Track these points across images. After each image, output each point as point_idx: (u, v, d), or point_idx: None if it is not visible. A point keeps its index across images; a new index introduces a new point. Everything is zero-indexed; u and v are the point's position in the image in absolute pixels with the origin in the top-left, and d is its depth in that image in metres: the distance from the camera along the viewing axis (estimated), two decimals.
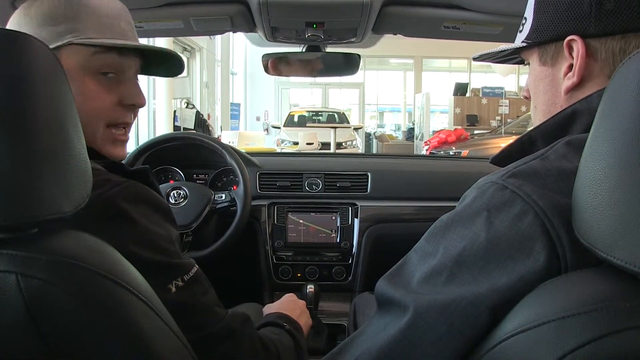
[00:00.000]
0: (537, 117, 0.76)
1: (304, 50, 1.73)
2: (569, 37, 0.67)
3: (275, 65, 1.80)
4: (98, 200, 0.67)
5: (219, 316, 0.78)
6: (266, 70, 1.81)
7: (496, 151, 0.76)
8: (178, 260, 0.74)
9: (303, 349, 0.98)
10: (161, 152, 1.68)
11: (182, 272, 0.74)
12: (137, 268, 0.62)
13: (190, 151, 1.73)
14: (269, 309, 1.12)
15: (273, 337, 0.91)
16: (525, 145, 0.71)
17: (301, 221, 1.76)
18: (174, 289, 0.72)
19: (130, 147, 2.10)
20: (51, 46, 0.75)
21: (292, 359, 0.92)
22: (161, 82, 7.55)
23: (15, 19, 0.79)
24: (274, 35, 1.64)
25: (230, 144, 1.83)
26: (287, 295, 1.22)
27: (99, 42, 0.78)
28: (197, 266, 0.78)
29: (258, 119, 14.92)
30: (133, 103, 0.84)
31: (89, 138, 0.77)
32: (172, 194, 1.56)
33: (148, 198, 0.74)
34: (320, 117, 12.37)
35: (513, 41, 0.77)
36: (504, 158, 0.73)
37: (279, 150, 9.67)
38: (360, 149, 10.88)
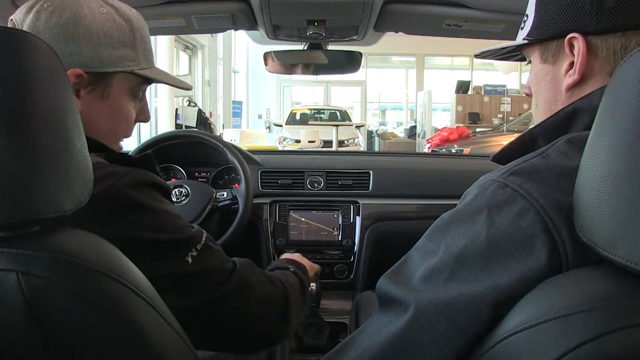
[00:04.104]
0: (538, 114, 0.76)
1: (305, 48, 1.73)
2: (570, 35, 0.67)
3: (277, 63, 1.80)
4: (108, 192, 0.70)
5: (230, 270, 0.84)
6: (268, 68, 1.81)
7: (498, 149, 0.76)
8: (189, 232, 0.79)
9: (306, 287, 1.10)
10: (163, 150, 1.68)
11: (195, 242, 0.79)
12: (156, 250, 0.71)
13: (192, 149, 1.73)
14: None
15: (280, 275, 1.00)
16: (526, 143, 0.71)
17: (303, 219, 1.76)
18: (190, 260, 0.77)
19: (133, 144, 2.10)
20: (110, 70, 0.81)
21: (297, 294, 1.01)
22: None
23: (62, 23, 0.76)
24: (275, 33, 1.64)
25: (232, 142, 1.83)
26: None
27: (162, 80, 0.88)
28: (204, 231, 0.83)
29: (260, 116, 14.92)
30: (144, 119, 0.93)
31: (110, 146, 0.85)
32: (174, 192, 1.55)
33: (154, 182, 0.78)
34: (322, 115, 12.38)
35: (515, 39, 0.77)
36: (505, 156, 0.73)
37: (281, 148, 9.68)
38: (362, 146, 10.88)
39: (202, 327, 0.80)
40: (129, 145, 0.95)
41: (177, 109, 8.34)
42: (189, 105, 8.66)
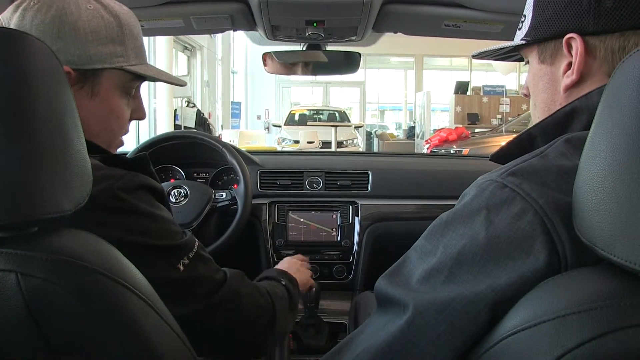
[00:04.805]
0: (536, 114, 0.76)
1: (304, 48, 1.73)
2: (568, 35, 0.67)
3: (276, 63, 1.80)
4: (103, 195, 0.69)
5: (221, 281, 0.85)
6: (267, 68, 1.81)
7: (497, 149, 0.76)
8: (183, 240, 0.80)
9: (295, 302, 1.10)
10: (162, 150, 1.68)
11: (188, 250, 0.79)
12: (148, 255, 0.71)
13: (191, 150, 1.73)
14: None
15: (268, 287, 1.00)
16: (524, 143, 0.71)
17: (302, 220, 1.76)
18: (182, 268, 0.77)
19: (131, 145, 2.10)
20: (98, 66, 0.79)
21: (285, 307, 1.02)
22: None
23: (48, 20, 0.75)
24: (274, 33, 1.64)
25: (231, 143, 1.83)
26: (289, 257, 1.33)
27: (153, 76, 0.86)
28: (197, 240, 0.84)
29: (259, 117, 14.92)
30: (139, 117, 0.91)
31: (105, 146, 0.84)
32: (172, 192, 1.55)
33: (148, 185, 0.77)
34: (321, 116, 12.38)
35: (513, 39, 0.77)
36: (503, 155, 0.73)
37: (279, 149, 9.67)
38: (361, 147, 10.88)
39: (189, 335, 0.80)
40: (128, 146, 0.94)
41: (175, 110, 8.33)
42: (187, 106, 8.64)
